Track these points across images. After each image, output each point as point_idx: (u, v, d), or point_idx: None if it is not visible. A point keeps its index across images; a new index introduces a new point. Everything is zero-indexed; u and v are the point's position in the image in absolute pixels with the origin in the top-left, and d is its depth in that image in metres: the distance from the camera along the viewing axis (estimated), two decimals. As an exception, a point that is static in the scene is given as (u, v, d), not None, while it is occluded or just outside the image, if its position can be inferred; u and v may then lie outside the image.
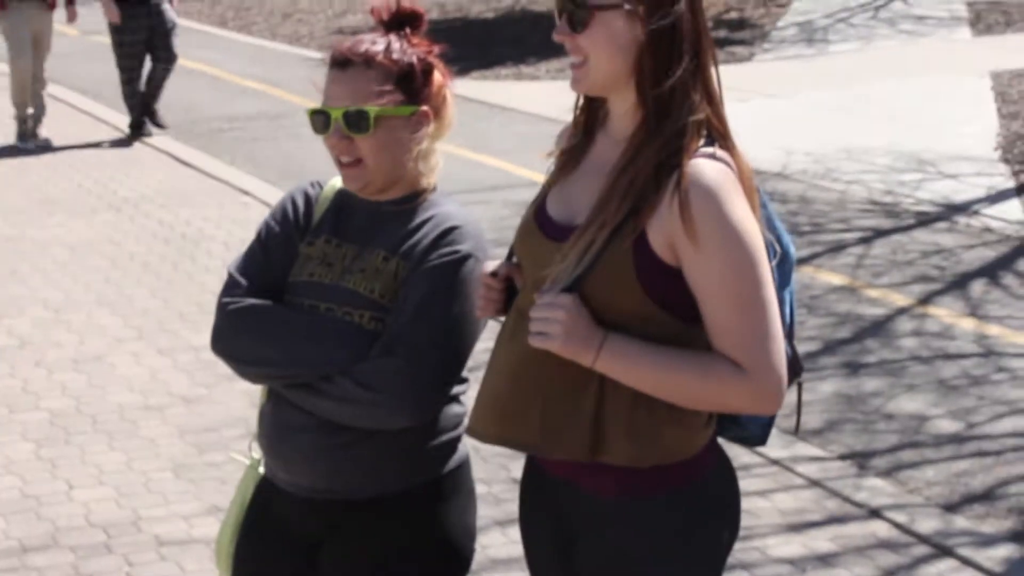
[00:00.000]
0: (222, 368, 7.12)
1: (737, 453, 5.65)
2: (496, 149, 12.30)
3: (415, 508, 3.37)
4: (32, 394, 7.08)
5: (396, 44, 3.31)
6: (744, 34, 19.02)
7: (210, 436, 6.55)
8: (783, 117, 13.96)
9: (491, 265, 3.12)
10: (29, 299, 8.51)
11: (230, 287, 3.40)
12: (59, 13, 13.38)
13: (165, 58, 13.17)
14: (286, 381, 3.31)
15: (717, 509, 3.02)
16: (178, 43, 13.30)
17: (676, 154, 2.80)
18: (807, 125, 13.55)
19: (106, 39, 18.95)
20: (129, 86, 13.30)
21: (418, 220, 3.34)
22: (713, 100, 2.88)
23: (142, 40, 13.01)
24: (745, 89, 14.51)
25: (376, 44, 3.30)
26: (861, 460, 6.43)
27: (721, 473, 3.04)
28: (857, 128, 13.32)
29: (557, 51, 3.43)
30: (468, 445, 3.47)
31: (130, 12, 12.89)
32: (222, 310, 3.38)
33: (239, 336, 3.34)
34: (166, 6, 13.07)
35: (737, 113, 3.23)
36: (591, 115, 3.02)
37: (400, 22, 3.36)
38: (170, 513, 5.83)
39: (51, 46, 13.10)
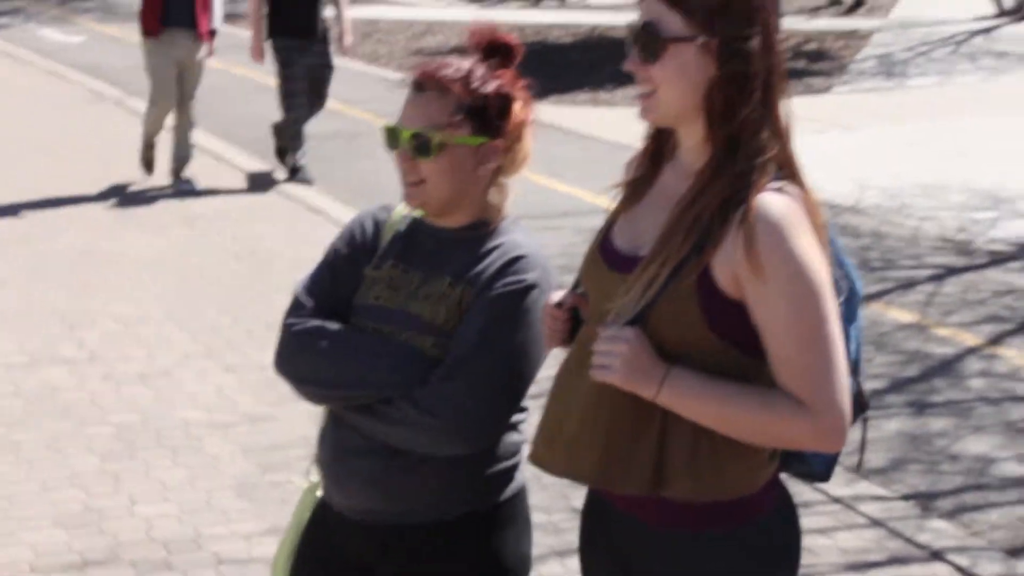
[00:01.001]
0: (287, 388, 7.15)
1: (799, 490, 5.60)
2: (569, 175, 12.30)
3: (471, 535, 3.37)
4: (99, 407, 7.14)
5: (478, 73, 3.31)
6: (823, 65, 18.93)
7: (273, 455, 6.58)
8: (859, 150, 13.88)
9: (557, 296, 3.12)
10: (100, 312, 8.58)
11: (295, 308, 3.42)
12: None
13: (317, 102, 12.49)
14: (346, 403, 3.32)
15: (777, 547, 3.00)
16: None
17: (744, 189, 2.79)
18: (883, 159, 13.46)
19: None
20: (295, 126, 12.37)
21: (486, 248, 3.34)
22: (783, 136, 2.86)
23: (305, 77, 12.29)
24: (822, 121, 14.44)
25: (457, 71, 3.30)
26: (925, 501, 6.37)
27: (783, 510, 3.02)
28: (933, 164, 13.22)
29: (633, 78, 3.45)
30: (528, 473, 3.46)
31: (292, 45, 12.18)
32: (286, 331, 3.40)
33: (302, 357, 3.36)
34: (330, 47, 12.48)
35: (813, 145, 3.23)
36: (659, 145, 3.02)
37: (492, 52, 3.37)
38: (231, 532, 5.85)
39: (200, 81, 12.38)
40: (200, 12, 11.84)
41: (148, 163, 12.20)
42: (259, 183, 12.21)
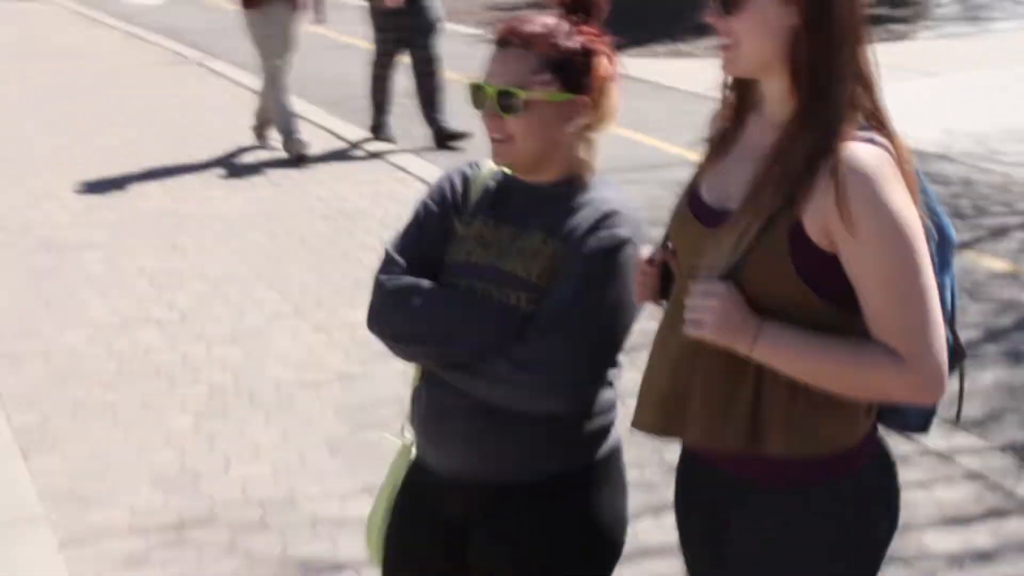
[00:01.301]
0: (377, 346, 7.13)
1: (895, 442, 5.55)
2: (651, 127, 12.23)
3: (567, 494, 3.36)
4: (192, 368, 7.18)
5: (563, 29, 3.28)
6: (904, 11, 18.70)
7: (365, 414, 6.59)
8: (944, 97, 13.70)
9: (646, 251, 3.10)
10: (189, 273, 8.63)
11: (387, 265, 3.41)
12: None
13: (424, 58, 12.22)
14: (441, 360, 3.31)
15: (876, 501, 2.98)
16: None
17: (832, 140, 2.76)
18: (969, 105, 13.27)
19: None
20: (380, 82, 12.37)
21: (576, 203, 3.32)
22: (870, 85, 2.83)
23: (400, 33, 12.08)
24: (905, 68, 14.26)
25: (541, 27, 3.28)
26: (1023, 452, 6.29)
27: (881, 464, 3.01)
28: (1021, 108, 13.03)
29: (713, 28, 3.41)
30: (620, 430, 3.44)
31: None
32: (379, 288, 3.39)
33: (396, 314, 3.34)
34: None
35: (897, 92, 3.20)
36: (743, 98, 2.99)
37: (575, 6, 3.34)
38: (325, 491, 5.87)
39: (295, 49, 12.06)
40: None
41: (259, 131, 12.13)
42: (341, 141, 12.22)
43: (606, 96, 3.34)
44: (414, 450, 3.55)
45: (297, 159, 11.47)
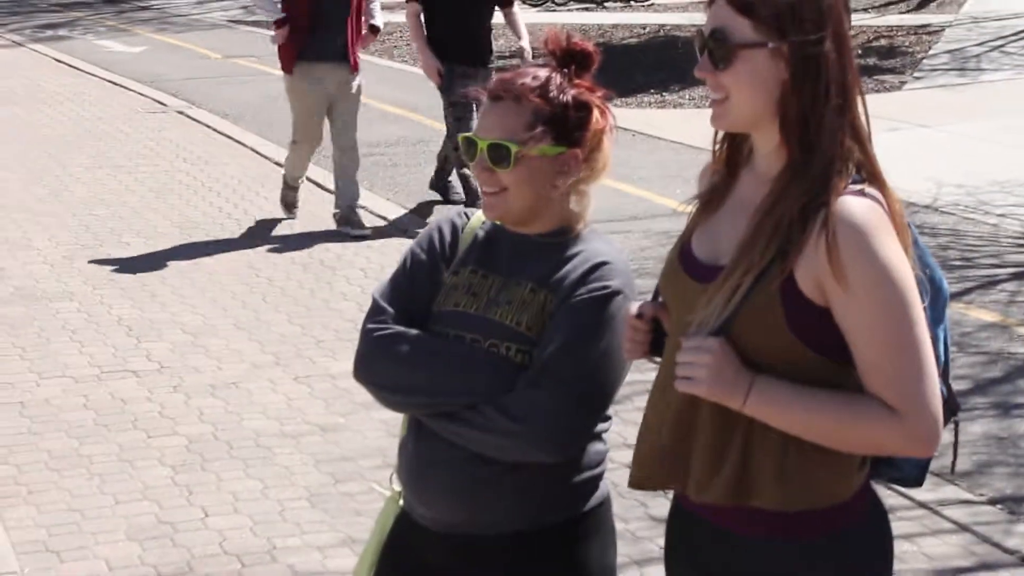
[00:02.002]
0: (359, 397, 7.18)
1: (883, 495, 5.48)
2: (637, 177, 12.21)
3: (555, 546, 3.34)
4: (169, 419, 7.10)
5: (555, 82, 3.30)
6: (894, 62, 18.74)
7: (346, 466, 6.51)
8: (934, 148, 13.70)
9: (636, 306, 3.08)
10: (168, 323, 8.54)
11: (375, 313, 3.39)
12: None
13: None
14: (429, 410, 3.30)
15: (870, 554, 2.96)
16: None
17: (823, 193, 2.76)
18: (958, 156, 13.28)
19: (246, 62, 19.13)
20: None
21: (567, 254, 3.33)
22: (861, 137, 2.83)
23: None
24: (895, 119, 14.26)
25: (533, 80, 3.29)
26: (1012, 505, 6.24)
27: (875, 518, 2.99)
28: (1010, 160, 13.03)
29: (701, 80, 3.40)
30: (608, 483, 3.42)
31: (463, 72, 10.68)
32: (367, 336, 3.38)
33: (384, 363, 3.34)
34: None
35: (886, 143, 3.16)
36: (735, 152, 2.99)
37: (568, 59, 3.32)
38: (305, 543, 5.79)
39: (356, 113, 10.97)
40: (353, 40, 10.60)
41: (289, 205, 11.08)
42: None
43: (599, 149, 3.36)
44: (401, 501, 3.53)
45: (288, 206, 11.07)
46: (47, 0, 29.18)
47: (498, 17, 11.22)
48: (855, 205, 2.73)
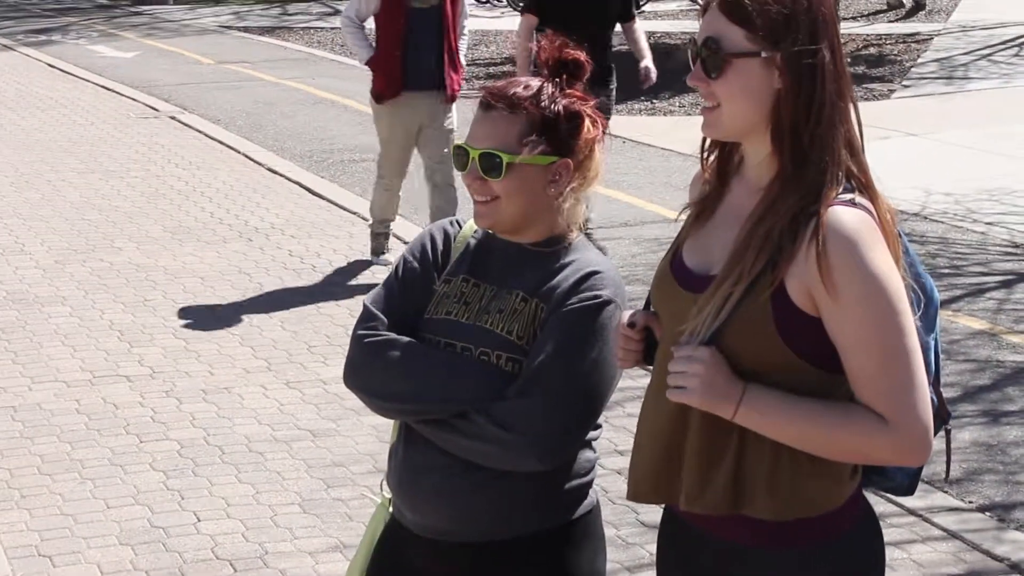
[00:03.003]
0: (350, 402, 7.19)
1: (873, 502, 5.50)
2: (627, 184, 12.23)
3: (544, 553, 3.34)
4: (161, 424, 7.10)
5: (547, 91, 3.31)
6: (883, 70, 18.75)
7: (337, 471, 6.52)
8: (922, 156, 13.72)
9: (628, 315, 3.08)
10: (160, 328, 8.54)
11: (366, 319, 3.40)
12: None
13: None
14: (419, 417, 3.31)
15: (863, 562, 2.97)
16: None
17: (814, 203, 2.76)
18: (947, 165, 13.29)
19: (239, 67, 19.10)
20: None
21: (559, 264, 3.34)
22: (853, 147, 2.84)
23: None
24: (884, 127, 14.27)
25: (525, 89, 3.30)
26: (1002, 512, 6.25)
27: (866, 526, 2.99)
28: (998, 168, 13.05)
29: (692, 88, 3.42)
30: (597, 490, 3.44)
31: None
32: (358, 343, 3.38)
33: (375, 370, 3.34)
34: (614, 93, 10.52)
35: (875, 151, 3.16)
36: (725, 161, 2.99)
37: (560, 69, 3.33)
38: (296, 548, 5.80)
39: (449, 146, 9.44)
40: (449, 67, 9.65)
41: (377, 251, 10.05)
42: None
43: (590, 158, 3.37)
44: (391, 507, 3.53)
45: (376, 252, 10.01)
46: (40, 5, 29.15)
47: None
48: (845, 215, 2.74)
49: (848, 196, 2.78)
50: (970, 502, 6.32)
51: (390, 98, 9.60)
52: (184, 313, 8.84)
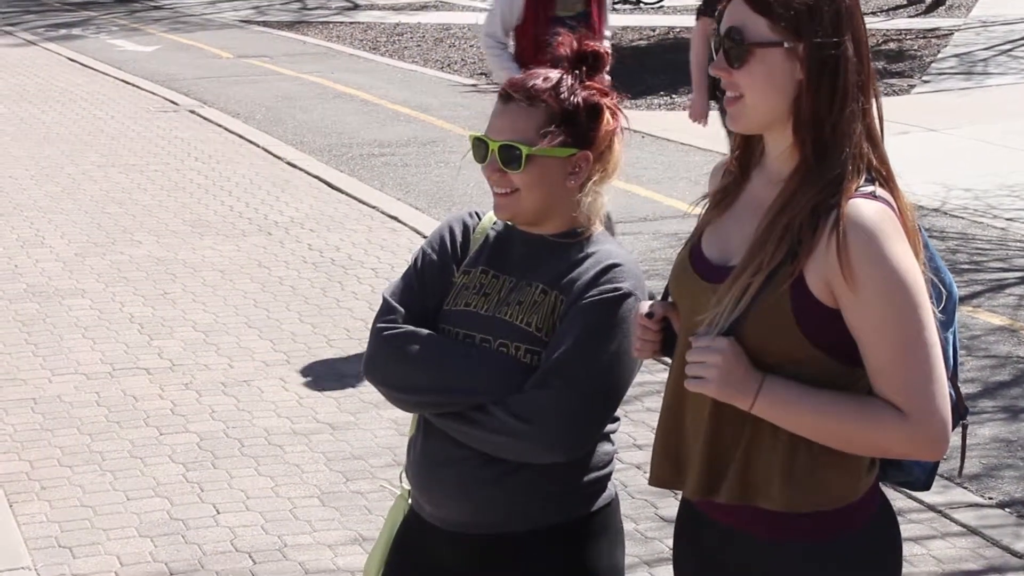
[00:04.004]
0: (368, 395, 7.19)
1: (891, 497, 5.50)
2: (647, 179, 12.21)
3: (563, 545, 3.34)
4: (181, 416, 7.12)
5: (567, 83, 3.30)
6: (902, 65, 18.72)
7: (356, 464, 6.53)
8: (942, 151, 13.68)
9: (646, 306, 3.08)
10: (179, 321, 8.56)
11: (385, 312, 3.40)
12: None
13: None
14: (438, 410, 3.31)
15: (878, 557, 2.96)
16: None
17: (834, 195, 2.76)
18: (967, 160, 13.26)
19: (258, 61, 19.12)
20: None
21: (578, 256, 3.33)
22: (874, 140, 2.83)
23: None
24: (903, 122, 14.24)
25: (545, 81, 3.30)
26: (1021, 508, 6.24)
27: (884, 520, 2.99)
28: (1018, 164, 13.01)
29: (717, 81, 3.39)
30: (616, 483, 3.43)
31: None
32: (377, 335, 3.37)
33: (394, 363, 3.34)
34: None
35: (895, 147, 3.16)
36: (747, 152, 2.98)
37: (579, 61, 3.33)
38: (315, 541, 5.81)
39: None
40: None
41: None
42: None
43: (610, 150, 3.36)
44: (410, 500, 3.53)
45: None
46: (60, -1, 29.25)
47: None
48: (866, 208, 2.74)
49: (869, 188, 2.78)
50: (990, 498, 6.31)
51: None
52: (204, 306, 8.85)
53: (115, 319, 8.59)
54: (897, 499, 5.90)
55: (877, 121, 2.85)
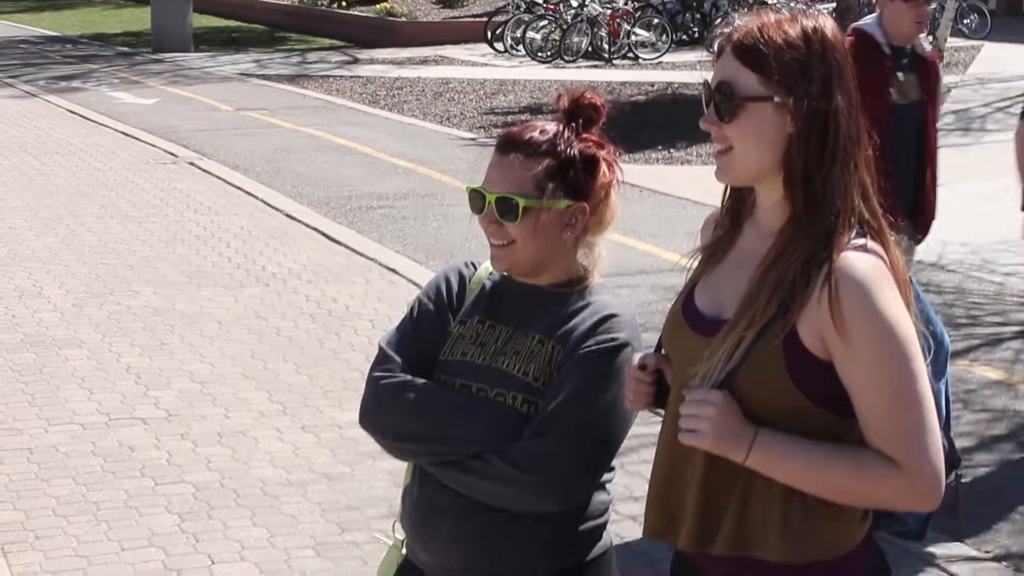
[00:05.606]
0: (365, 446, 7.19)
1: (891, 550, 5.48)
2: (644, 232, 12.24)
3: (558, 594, 3.32)
4: (177, 466, 7.10)
5: (564, 136, 3.32)
6: (901, 122, 18.76)
7: (352, 515, 6.51)
8: (940, 206, 13.62)
9: (638, 357, 3.08)
10: (176, 371, 8.56)
11: (381, 361, 3.41)
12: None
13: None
14: (434, 459, 3.31)
15: None
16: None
17: (826, 248, 2.77)
18: (964, 215, 13.28)
19: (257, 114, 19.18)
20: None
21: (575, 306, 3.35)
22: (865, 193, 2.85)
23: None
24: (898, 177, 14.25)
25: (541, 134, 3.31)
26: (1017, 562, 6.22)
27: (877, 571, 2.99)
28: (1015, 219, 12.97)
29: (708, 135, 3.38)
30: (611, 534, 3.44)
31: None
32: (373, 384, 3.39)
33: (390, 411, 3.35)
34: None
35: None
36: (738, 204, 3.00)
37: (576, 113, 3.34)
38: (310, 592, 5.79)
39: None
40: (930, 186, 7.55)
41: None
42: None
43: (606, 202, 3.39)
44: (404, 549, 3.53)
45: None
46: (62, 51, 29.33)
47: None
48: (857, 261, 2.75)
49: (860, 241, 2.79)
50: (986, 551, 6.29)
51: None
52: (201, 357, 8.85)
53: (112, 369, 8.59)
54: (894, 552, 5.88)
55: (868, 173, 2.86)
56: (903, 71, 7.13)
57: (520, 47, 26.86)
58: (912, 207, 7.14)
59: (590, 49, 26.26)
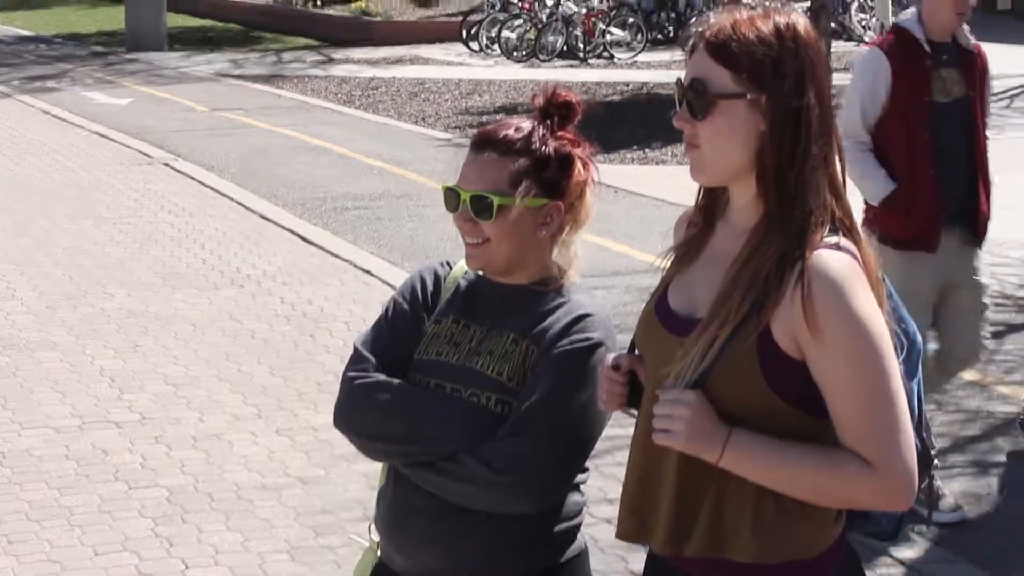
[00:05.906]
0: (340, 449, 7.18)
1: (864, 552, 5.49)
2: (619, 233, 12.24)
3: (533, 596, 3.33)
4: (151, 470, 7.08)
5: (538, 134, 3.32)
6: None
7: (326, 518, 6.50)
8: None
9: (612, 357, 3.08)
10: (150, 374, 8.53)
11: (356, 361, 3.41)
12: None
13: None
14: (408, 459, 3.32)
15: None
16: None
17: (799, 246, 2.78)
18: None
19: (233, 115, 19.14)
20: None
21: (550, 306, 3.35)
22: (837, 190, 2.85)
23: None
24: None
25: (516, 131, 3.31)
26: (992, 563, 6.23)
27: (850, 571, 3.00)
28: (997, 223, 13.02)
29: (683, 134, 3.35)
30: (585, 536, 3.44)
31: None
32: (348, 384, 3.39)
33: (364, 411, 3.35)
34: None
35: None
36: (712, 203, 3.00)
37: (550, 111, 3.34)
38: (284, 596, 5.78)
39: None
40: (982, 187, 6.84)
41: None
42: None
43: (581, 201, 3.39)
44: (379, 551, 3.53)
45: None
46: (35, 51, 29.23)
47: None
48: (831, 259, 2.76)
49: (833, 239, 2.80)
50: (959, 553, 6.30)
51: (928, 245, 6.58)
52: (175, 359, 8.82)
53: (85, 372, 8.56)
54: (869, 554, 5.89)
55: (840, 171, 2.87)
56: (944, 67, 6.69)
57: (495, 46, 26.83)
58: (965, 210, 6.72)
59: (565, 48, 26.25)
